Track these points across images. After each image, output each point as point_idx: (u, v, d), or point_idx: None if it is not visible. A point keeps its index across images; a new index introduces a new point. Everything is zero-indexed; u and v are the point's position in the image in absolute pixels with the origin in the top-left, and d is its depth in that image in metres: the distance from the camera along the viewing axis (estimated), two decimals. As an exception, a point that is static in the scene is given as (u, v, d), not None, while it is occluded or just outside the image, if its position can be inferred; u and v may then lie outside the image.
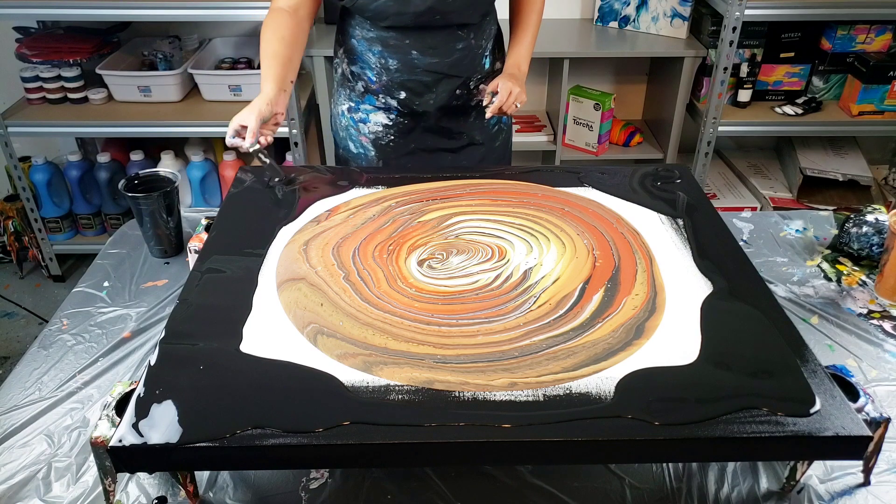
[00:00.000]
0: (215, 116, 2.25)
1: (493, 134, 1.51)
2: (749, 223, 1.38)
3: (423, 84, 1.36)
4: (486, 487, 0.84)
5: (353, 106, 1.44)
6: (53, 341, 1.06)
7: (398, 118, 1.41)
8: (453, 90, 1.39)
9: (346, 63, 1.41)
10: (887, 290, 1.16)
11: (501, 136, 1.54)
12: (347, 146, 1.50)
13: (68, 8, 2.06)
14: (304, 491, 0.84)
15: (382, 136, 1.44)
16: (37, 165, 2.36)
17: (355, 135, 1.46)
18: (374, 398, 0.78)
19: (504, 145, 1.56)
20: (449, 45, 1.33)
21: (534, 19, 1.42)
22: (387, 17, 1.28)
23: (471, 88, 1.41)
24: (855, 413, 0.76)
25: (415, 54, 1.33)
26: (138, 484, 0.84)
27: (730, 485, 0.84)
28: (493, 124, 1.50)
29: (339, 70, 1.45)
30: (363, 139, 1.45)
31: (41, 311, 2.34)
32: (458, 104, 1.42)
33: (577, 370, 0.82)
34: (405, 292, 0.95)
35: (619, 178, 1.25)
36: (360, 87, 1.41)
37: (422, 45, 1.32)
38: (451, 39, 1.33)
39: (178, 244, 1.27)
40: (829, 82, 2.39)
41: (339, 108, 1.48)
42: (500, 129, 1.53)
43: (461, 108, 1.43)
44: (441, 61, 1.34)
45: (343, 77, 1.44)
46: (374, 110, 1.42)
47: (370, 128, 1.43)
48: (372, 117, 1.42)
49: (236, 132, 1.20)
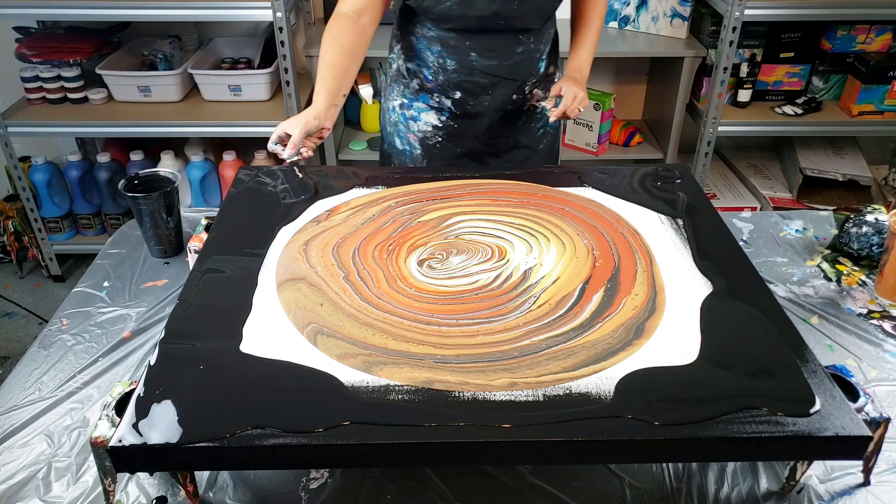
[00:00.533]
0: (215, 116, 2.25)
1: (538, 137, 1.50)
2: (749, 223, 1.38)
3: (480, 86, 1.37)
4: (486, 487, 0.84)
5: (406, 103, 1.44)
6: (53, 341, 1.06)
7: (449, 121, 1.41)
8: (509, 94, 1.39)
9: (403, 59, 1.41)
10: (887, 290, 1.16)
11: (546, 139, 1.53)
12: (393, 142, 1.50)
13: (68, 8, 2.06)
14: (304, 491, 0.84)
15: (431, 137, 1.44)
16: (37, 165, 2.36)
17: (403, 131, 1.47)
18: (374, 398, 0.78)
19: (549, 149, 1.56)
20: (508, 49, 1.34)
21: (596, 23, 1.43)
22: (450, 19, 1.28)
23: (525, 93, 1.41)
24: (855, 413, 0.76)
25: (473, 56, 1.33)
26: (138, 484, 0.84)
27: (730, 485, 0.84)
28: (538, 128, 1.49)
29: (394, 65, 1.45)
30: (411, 136, 1.46)
31: (41, 311, 2.34)
32: (511, 109, 1.42)
33: (577, 370, 0.82)
34: (405, 292, 0.95)
35: (619, 178, 1.25)
36: (414, 85, 1.42)
37: (481, 47, 1.32)
38: (511, 43, 1.33)
39: (178, 244, 1.27)
40: (829, 82, 2.39)
41: (390, 103, 1.48)
42: (546, 132, 1.52)
43: (513, 112, 1.43)
44: (500, 64, 1.34)
45: (398, 73, 1.44)
46: (426, 109, 1.42)
47: (420, 126, 1.44)
48: (423, 116, 1.43)
49: (279, 139, 1.20)
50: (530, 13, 1.30)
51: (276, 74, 2.20)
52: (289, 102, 2.17)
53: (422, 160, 1.47)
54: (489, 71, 1.35)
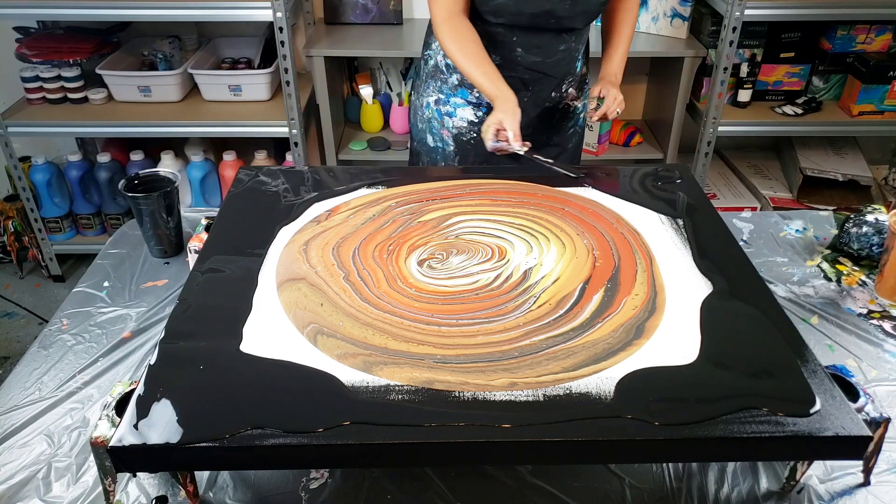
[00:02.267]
0: (215, 116, 2.25)
1: (568, 136, 1.54)
2: (749, 223, 1.38)
3: (521, 81, 1.39)
4: (486, 487, 0.84)
5: (442, 98, 1.46)
6: (53, 341, 1.06)
7: (486, 116, 1.41)
8: (548, 91, 1.43)
9: (443, 55, 1.42)
10: (887, 290, 1.16)
11: (574, 139, 1.57)
12: (424, 139, 1.51)
13: (68, 8, 2.06)
14: (304, 491, 0.84)
15: (465, 133, 1.45)
16: (37, 165, 2.36)
17: (437, 128, 1.48)
18: (374, 398, 0.78)
19: (575, 149, 1.59)
20: (552, 46, 1.37)
21: (628, 31, 1.46)
22: (504, 14, 1.31)
23: (562, 91, 1.45)
24: (855, 413, 0.76)
25: (519, 51, 1.36)
26: (138, 484, 0.84)
27: (730, 485, 0.84)
28: (569, 126, 1.53)
29: (431, 62, 1.46)
30: (445, 133, 1.47)
31: (41, 311, 2.34)
32: (548, 106, 1.45)
33: (577, 370, 0.82)
34: (405, 292, 0.95)
35: (619, 178, 1.25)
36: (453, 80, 1.43)
37: (527, 43, 1.36)
38: (556, 41, 1.37)
39: (178, 244, 1.27)
40: (829, 82, 2.39)
41: (424, 99, 1.49)
42: (575, 131, 1.56)
43: (550, 109, 1.47)
44: (543, 61, 1.38)
45: (435, 69, 1.46)
46: (463, 105, 1.44)
47: (455, 122, 1.45)
48: (459, 112, 1.44)
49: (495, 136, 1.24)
50: (580, 14, 1.34)
51: (276, 74, 2.20)
52: (289, 102, 2.17)
53: (454, 157, 1.48)
54: (532, 67, 1.38)
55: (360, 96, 2.45)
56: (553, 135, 1.50)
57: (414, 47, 2.34)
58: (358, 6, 2.43)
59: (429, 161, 1.53)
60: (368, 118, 2.53)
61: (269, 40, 2.39)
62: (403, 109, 2.49)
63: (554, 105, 1.47)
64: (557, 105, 1.47)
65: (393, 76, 2.57)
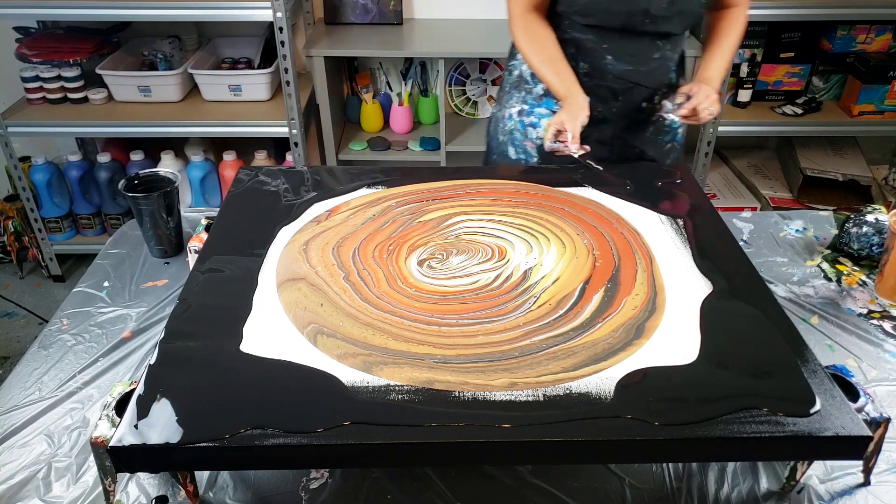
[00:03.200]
0: (215, 116, 2.25)
1: (665, 151, 1.45)
2: (749, 223, 1.38)
3: (611, 91, 1.34)
4: (486, 487, 0.84)
5: (526, 109, 1.41)
6: (53, 341, 1.06)
7: None
8: (639, 101, 1.36)
9: (527, 65, 1.37)
10: (887, 290, 1.16)
11: (672, 154, 1.47)
12: (506, 151, 1.46)
13: (68, 8, 2.06)
14: (304, 491, 0.84)
15: None
16: (37, 165, 2.36)
17: (520, 139, 1.43)
18: (374, 398, 0.78)
19: (675, 164, 1.48)
20: (646, 54, 1.31)
21: (732, 41, 1.35)
22: (595, 13, 1.26)
23: (654, 102, 1.37)
24: (855, 413, 0.76)
25: (609, 59, 1.31)
26: (138, 484, 0.84)
27: (730, 485, 0.84)
28: (666, 141, 1.44)
29: (515, 72, 1.42)
30: (528, 144, 1.42)
31: (41, 311, 2.34)
32: (640, 117, 1.38)
33: (577, 370, 0.82)
34: (405, 292, 0.95)
35: (619, 178, 1.25)
36: (538, 90, 1.39)
37: (619, 50, 1.30)
38: (649, 49, 1.31)
39: (178, 244, 1.27)
40: (829, 82, 2.39)
41: (506, 111, 1.45)
42: (673, 147, 1.46)
43: (641, 121, 1.39)
44: (635, 70, 1.32)
45: (520, 79, 1.42)
46: (548, 115, 1.38)
47: (539, 133, 1.39)
48: (544, 122, 1.38)
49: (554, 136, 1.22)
50: (677, 14, 1.26)
51: (276, 74, 2.20)
52: (289, 102, 2.17)
53: None
54: (623, 76, 1.32)
55: (360, 96, 2.45)
56: (648, 148, 1.42)
57: (414, 47, 2.34)
58: (358, 6, 2.43)
59: None
60: (368, 118, 2.53)
61: (269, 40, 2.39)
62: (403, 109, 2.49)
63: (646, 117, 1.38)
64: (650, 117, 1.39)
65: (393, 76, 2.57)
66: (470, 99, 2.62)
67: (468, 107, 2.63)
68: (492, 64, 2.56)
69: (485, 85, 2.60)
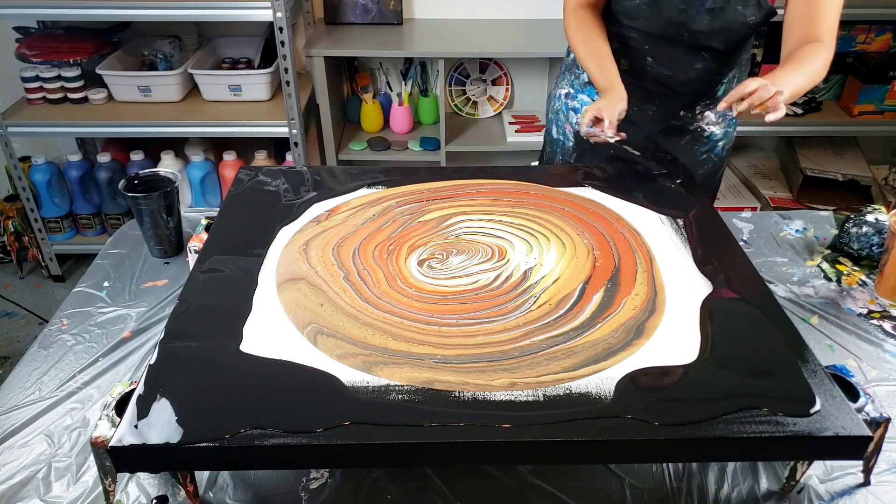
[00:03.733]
0: (215, 116, 2.25)
1: (699, 161, 1.42)
2: (749, 223, 1.38)
3: (647, 93, 1.33)
4: (486, 487, 0.84)
5: (572, 93, 1.44)
6: (53, 341, 1.06)
7: None
8: (676, 109, 1.35)
9: None
10: (887, 290, 1.16)
11: (707, 165, 1.44)
12: (550, 129, 1.51)
13: (68, 8, 2.06)
14: (304, 491, 0.84)
15: None
16: (37, 165, 2.36)
17: (562, 121, 1.47)
18: (374, 398, 0.78)
19: (708, 177, 1.46)
20: (685, 63, 1.29)
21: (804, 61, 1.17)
22: (636, 17, 1.27)
23: (695, 112, 1.36)
24: (855, 413, 0.76)
25: (649, 61, 1.30)
26: (138, 484, 0.84)
27: (730, 485, 0.84)
28: (702, 152, 1.41)
29: (571, 55, 1.44)
30: (567, 127, 1.46)
31: (41, 311, 2.34)
32: (677, 124, 1.37)
33: (577, 370, 0.82)
34: (405, 292, 0.95)
35: (619, 178, 1.25)
36: (584, 77, 1.41)
37: (660, 54, 1.29)
38: (691, 57, 1.29)
39: (178, 244, 1.27)
40: (829, 82, 2.39)
41: (558, 90, 1.49)
42: (710, 158, 1.43)
43: (677, 128, 1.38)
44: (673, 76, 1.31)
45: (572, 62, 1.44)
46: (589, 103, 1.40)
47: (579, 118, 1.38)
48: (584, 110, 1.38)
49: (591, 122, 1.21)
50: (719, 31, 1.23)
51: (276, 74, 2.20)
52: (289, 102, 2.17)
53: (571, 154, 1.46)
54: (661, 80, 1.32)
55: (360, 96, 2.45)
56: (680, 156, 1.38)
57: (414, 47, 2.34)
58: (358, 6, 2.43)
59: (550, 152, 1.50)
60: (368, 118, 2.53)
61: (269, 40, 2.39)
62: (403, 109, 2.49)
63: (683, 125, 1.37)
64: (688, 126, 1.37)
65: (393, 76, 2.57)
66: (470, 99, 2.62)
67: (468, 107, 2.63)
68: (492, 64, 2.56)
69: (485, 85, 2.60)
